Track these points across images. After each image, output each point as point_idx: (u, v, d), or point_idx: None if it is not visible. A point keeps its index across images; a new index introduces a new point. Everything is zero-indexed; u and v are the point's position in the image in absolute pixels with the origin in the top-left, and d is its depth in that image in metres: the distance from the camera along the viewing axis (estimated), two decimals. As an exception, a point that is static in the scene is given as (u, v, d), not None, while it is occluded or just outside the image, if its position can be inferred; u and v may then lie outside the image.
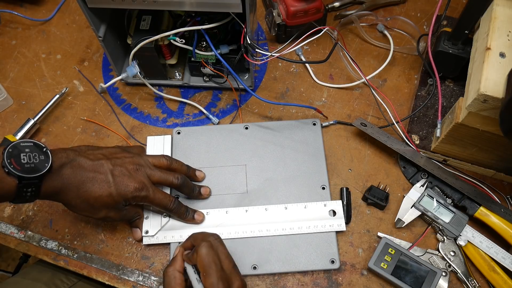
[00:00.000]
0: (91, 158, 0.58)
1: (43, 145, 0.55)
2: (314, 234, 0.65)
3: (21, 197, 0.53)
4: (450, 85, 0.76)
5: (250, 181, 0.69)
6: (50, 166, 0.54)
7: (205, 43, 0.71)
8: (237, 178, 0.69)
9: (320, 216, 0.66)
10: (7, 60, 0.83)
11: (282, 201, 0.67)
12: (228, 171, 0.70)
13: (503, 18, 0.61)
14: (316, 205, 0.67)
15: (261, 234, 0.65)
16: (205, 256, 0.53)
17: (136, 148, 0.68)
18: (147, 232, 0.65)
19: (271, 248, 0.64)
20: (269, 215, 0.66)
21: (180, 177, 0.63)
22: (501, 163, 0.67)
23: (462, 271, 0.63)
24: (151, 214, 0.65)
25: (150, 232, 0.65)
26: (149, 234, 0.64)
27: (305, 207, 0.66)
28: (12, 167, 0.51)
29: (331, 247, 0.64)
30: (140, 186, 0.59)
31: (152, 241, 0.65)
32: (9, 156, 0.52)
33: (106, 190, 0.57)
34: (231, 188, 0.69)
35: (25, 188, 0.52)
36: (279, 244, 0.64)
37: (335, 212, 0.66)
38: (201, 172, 0.69)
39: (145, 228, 0.65)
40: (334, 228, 0.65)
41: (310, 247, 0.64)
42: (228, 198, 0.68)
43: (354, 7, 0.86)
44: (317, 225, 0.65)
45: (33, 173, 0.52)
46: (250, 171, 0.70)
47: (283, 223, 0.65)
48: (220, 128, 0.74)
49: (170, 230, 0.65)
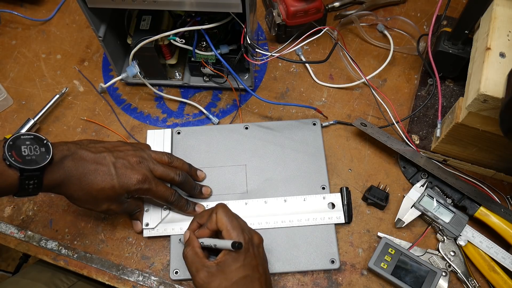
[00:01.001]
0: (92, 150, 0.58)
1: (44, 137, 0.54)
2: (314, 232, 0.65)
3: (23, 190, 0.53)
4: (450, 85, 0.76)
5: (250, 181, 0.69)
6: (51, 158, 0.54)
7: (205, 43, 0.71)
8: (237, 178, 0.69)
9: (319, 208, 0.66)
10: (7, 60, 0.83)
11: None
12: (228, 171, 0.70)
13: (503, 18, 0.61)
14: (315, 197, 0.67)
15: (260, 227, 0.65)
16: (225, 215, 0.56)
17: (141, 144, 0.67)
18: (147, 224, 0.65)
19: (271, 248, 0.64)
20: (268, 208, 0.66)
21: (181, 174, 0.63)
22: (501, 163, 0.67)
23: (462, 271, 0.63)
24: (151, 207, 0.66)
25: (151, 224, 0.65)
26: (149, 226, 0.65)
27: (304, 200, 0.67)
28: (13, 160, 0.51)
29: (331, 247, 0.64)
30: (143, 178, 0.59)
31: (152, 234, 0.65)
32: (10, 148, 0.52)
33: (109, 182, 0.57)
34: (231, 188, 0.69)
35: (27, 180, 0.52)
36: (279, 243, 0.65)
37: (334, 204, 0.66)
38: (202, 172, 0.69)
39: (146, 221, 0.65)
40: (333, 221, 0.65)
41: (310, 247, 0.64)
42: (228, 198, 0.68)
43: (354, 7, 0.86)
44: (316, 218, 0.65)
45: (34, 165, 0.52)
46: (250, 171, 0.70)
47: (283, 215, 0.66)
48: (220, 128, 0.74)
49: (170, 223, 0.66)
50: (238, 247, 0.52)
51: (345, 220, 0.66)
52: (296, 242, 0.65)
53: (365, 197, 0.68)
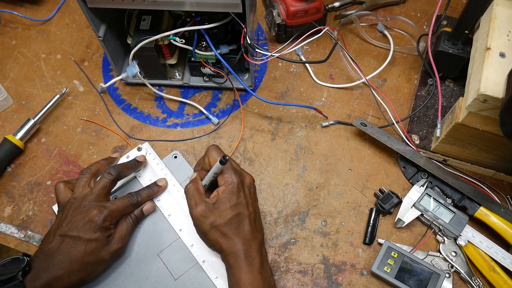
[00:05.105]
0: (52, 247, 0.57)
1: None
2: None
3: None
4: (450, 85, 0.76)
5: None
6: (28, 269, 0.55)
7: (205, 43, 0.71)
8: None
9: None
10: (7, 60, 0.83)
11: None
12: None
13: (503, 18, 0.61)
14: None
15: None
16: (216, 154, 0.59)
17: (77, 188, 0.63)
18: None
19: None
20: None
21: (110, 170, 0.62)
22: (501, 163, 0.67)
23: (465, 271, 0.63)
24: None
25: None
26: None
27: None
28: None
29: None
30: (97, 212, 0.58)
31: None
32: None
33: (85, 240, 0.57)
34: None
35: None
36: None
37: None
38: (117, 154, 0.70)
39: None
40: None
41: None
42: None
43: (354, 7, 0.86)
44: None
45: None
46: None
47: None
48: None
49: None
50: (225, 160, 0.55)
51: (366, 241, 0.66)
52: None
53: (380, 207, 0.67)
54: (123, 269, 0.63)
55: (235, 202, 0.57)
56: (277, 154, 0.73)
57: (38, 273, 0.55)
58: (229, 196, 0.57)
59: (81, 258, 0.57)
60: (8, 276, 0.53)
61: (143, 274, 0.63)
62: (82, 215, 0.58)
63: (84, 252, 0.57)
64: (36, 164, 0.73)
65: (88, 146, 0.74)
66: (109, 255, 0.59)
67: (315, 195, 0.70)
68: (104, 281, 0.62)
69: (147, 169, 0.70)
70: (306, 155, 0.73)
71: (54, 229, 0.59)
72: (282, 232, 0.67)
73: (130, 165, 0.67)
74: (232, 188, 0.57)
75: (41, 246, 0.59)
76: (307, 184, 0.71)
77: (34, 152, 0.74)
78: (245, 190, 0.59)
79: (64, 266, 0.56)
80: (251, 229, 0.57)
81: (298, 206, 0.69)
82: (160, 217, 0.67)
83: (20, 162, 0.73)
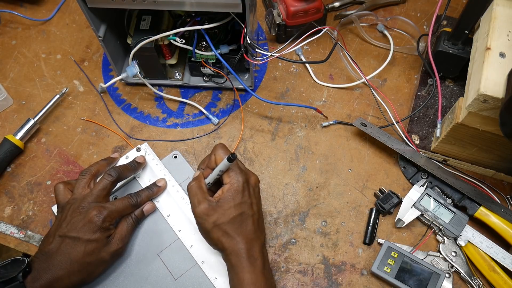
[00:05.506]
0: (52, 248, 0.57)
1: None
2: None
3: None
4: (450, 85, 0.76)
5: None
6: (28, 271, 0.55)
7: (205, 43, 0.71)
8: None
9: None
10: (7, 60, 0.83)
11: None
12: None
13: (503, 18, 0.61)
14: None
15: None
16: (222, 152, 0.59)
17: (77, 189, 0.62)
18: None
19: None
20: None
21: (111, 171, 0.62)
22: (501, 163, 0.67)
23: (465, 271, 0.63)
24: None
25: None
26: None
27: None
28: None
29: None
30: (97, 213, 0.58)
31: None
32: None
33: (85, 240, 0.57)
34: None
35: None
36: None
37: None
38: (117, 153, 0.70)
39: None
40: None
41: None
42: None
43: (354, 7, 0.86)
44: None
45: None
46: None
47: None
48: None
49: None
50: (233, 157, 0.55)
51: (366, 241, 0.66)
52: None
53: (380, 207, 0.67)
54: (123, 269, 0.63)
55: (240, 201, 0.56)
56: (277, 154, 0.73)
57: (38, 274, 0.55)
58: (233, 194, 0.56)
59: (81, 258, 0.57)
60: (9, 277, 0.53)
61: (143, 274, 0.63)
62: (81, 215, 0.58)
63: (84, 253, 0.57)
64: (36, 164, 0.73)
65: (88, 146, 0.74)
66: (109, 255, 0.59)
67: (315, 195, 0.70)
68: (104, 281, 0.62)
69: (146, 170, 0.70)
70: (306, 155, 0.73)
71: (54, 230, 0.59)
72: (282, 232, 0.67)
73: (130, 167, 0.67)
74: (237, 186, 0.57)
75: (41, 247, 0.59)
76: (307, 184, 0.71)
77: (34, 152, 0.74)
78: (250, 190, 0.58)
79: (64, 266, 0.56)
80: (254, 229, 0.57)
81: (298, 206, 0.69)
82: (160, 217, 0.67)
83: (20, 162, 0.73)
